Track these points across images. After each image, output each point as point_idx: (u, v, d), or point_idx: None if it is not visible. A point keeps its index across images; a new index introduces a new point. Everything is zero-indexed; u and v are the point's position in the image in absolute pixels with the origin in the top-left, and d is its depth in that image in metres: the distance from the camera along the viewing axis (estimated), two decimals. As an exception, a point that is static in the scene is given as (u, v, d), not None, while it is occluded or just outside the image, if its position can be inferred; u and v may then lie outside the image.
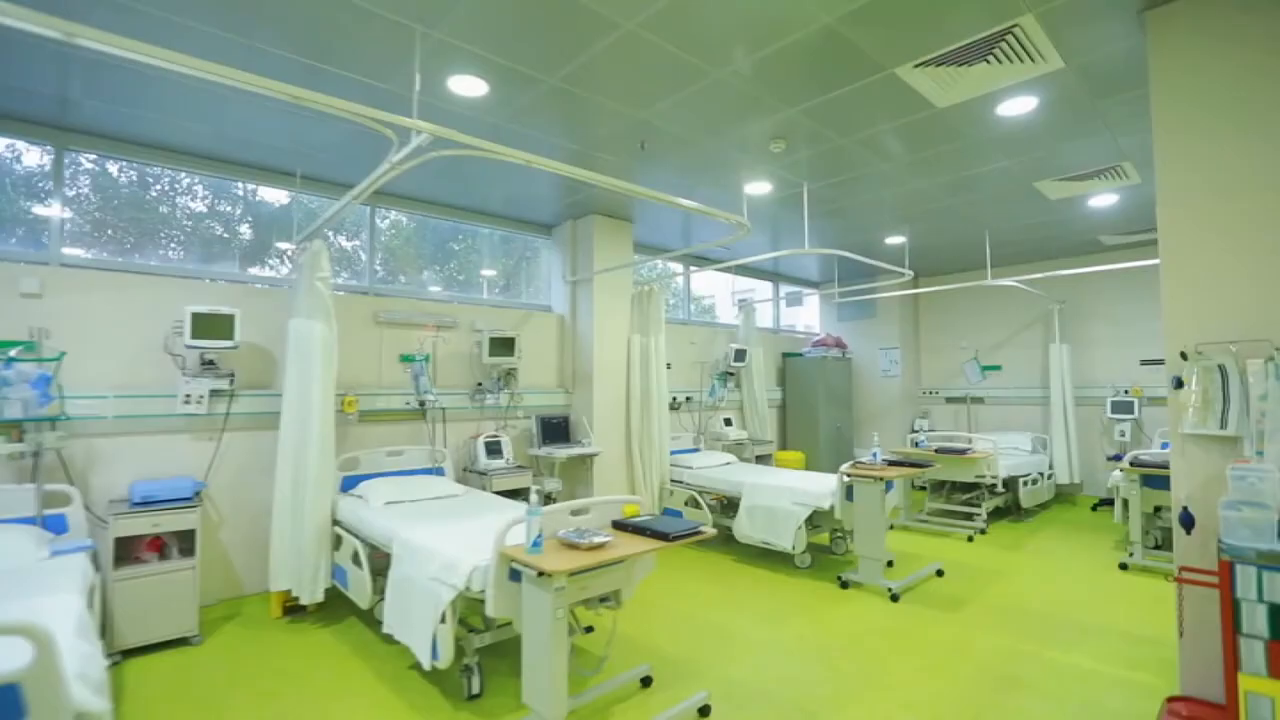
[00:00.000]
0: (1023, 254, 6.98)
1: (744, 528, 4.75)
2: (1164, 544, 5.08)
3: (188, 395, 3.60)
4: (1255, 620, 1.87)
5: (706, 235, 6.20)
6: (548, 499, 5.07)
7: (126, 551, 3.21)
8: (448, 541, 2.82)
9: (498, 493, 4.47)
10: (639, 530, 2.58)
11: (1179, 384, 2.38)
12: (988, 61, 2.95)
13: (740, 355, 6.67)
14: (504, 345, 4.88)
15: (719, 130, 3.68)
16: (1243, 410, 2.21)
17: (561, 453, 4.91)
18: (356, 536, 3.44)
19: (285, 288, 4.16)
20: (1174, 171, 2.49)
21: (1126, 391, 6.70)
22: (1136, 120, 3.57)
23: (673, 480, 5.55)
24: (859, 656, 3.16)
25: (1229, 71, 2.37)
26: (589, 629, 3.18)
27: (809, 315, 9.08)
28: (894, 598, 3.93)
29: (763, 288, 8.21)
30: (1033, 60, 2.94)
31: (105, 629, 3.05)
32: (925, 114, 3.47)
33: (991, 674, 2.97)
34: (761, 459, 6.66)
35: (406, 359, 4.48)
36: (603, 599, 2.75)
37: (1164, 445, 6.21)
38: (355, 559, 3.36)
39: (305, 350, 3.61)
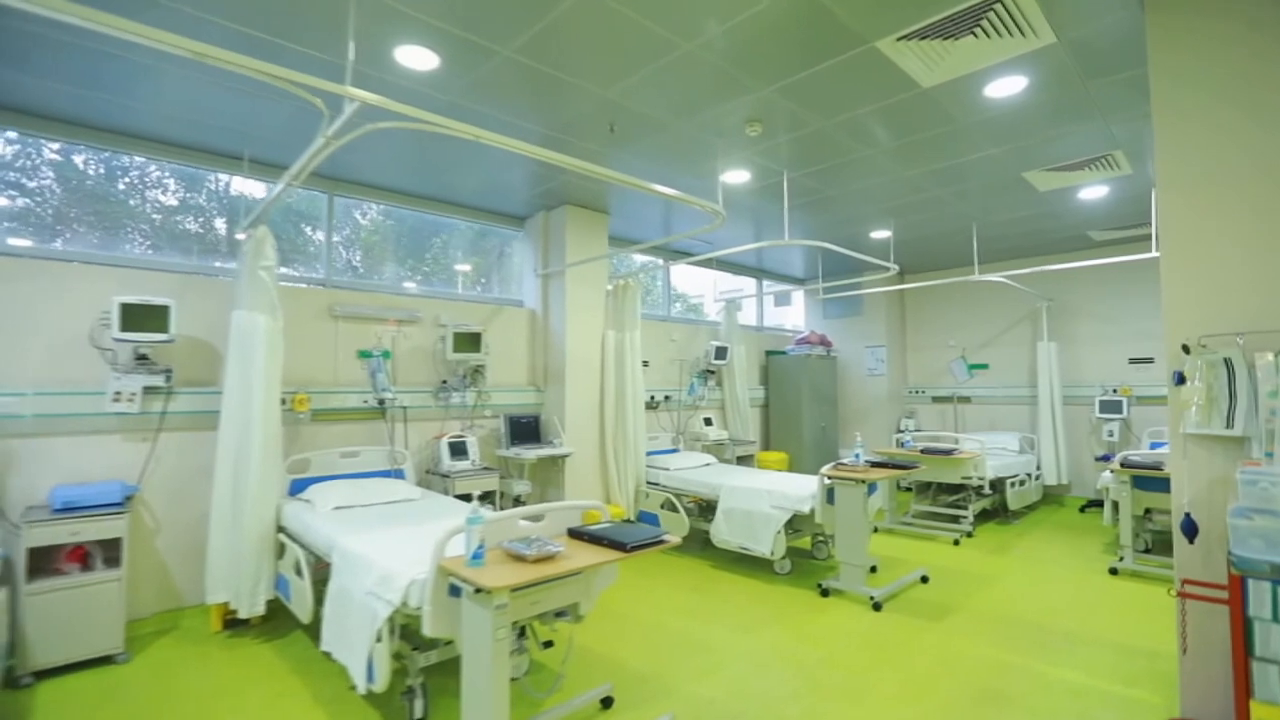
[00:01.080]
0: (1011, 250, 6.82)
1: (721, 532, 4.54)
2: (1154, 548, 4.93)
3: (118, 393, 3.33)
4: (1271, 642, 1.67)
5: (685, 228, 5.99)
6: (516, 502, 4.84)
7: (43, 563, 2.94)
8: (388, 551, 2.58)
9: (460, 496, 4.24)
10: (595, 539, 2.36)
11: (1180, 380, 2.19)
12: (975, 35, 2.75)
13: (721, 353, 6.46)
14: (470, 341, 4.63)
15: (692, 112, 3.46)
16: (1251, 408, 2.03)
17: (531, 454, 4.67)
18: (300, 544, 3.20)
19: (230, 278, 3.89)
20: (1174, 153, 2.30)
21: (1115, 391, 6.56)
22: (1130, 105, 3.39)
23: (649, 482, 5.33)
24: (838, 670, 2.95)
25: (1232, 51, 2.18)
26: (548, 644, 2.96)
27: (797, 315, 8.89)
28: (876, 606, 3.74)
29: (753, 288, 8.02)
30: (1022, 34, 2.74)
31: (14, 648, 2.78)
32: (910, 94, 3.27)
33: (977, 689, 2.77)
34: (743, 460, 6.45)
35: (364, 355, 4.23)
36: (558, 613, 2.52)
37: (1153, 445, 6.08)
38: (298, 568, 3.11)
39: (247, 344, 3.35)
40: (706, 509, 4.95)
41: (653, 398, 6.11)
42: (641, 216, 5.57)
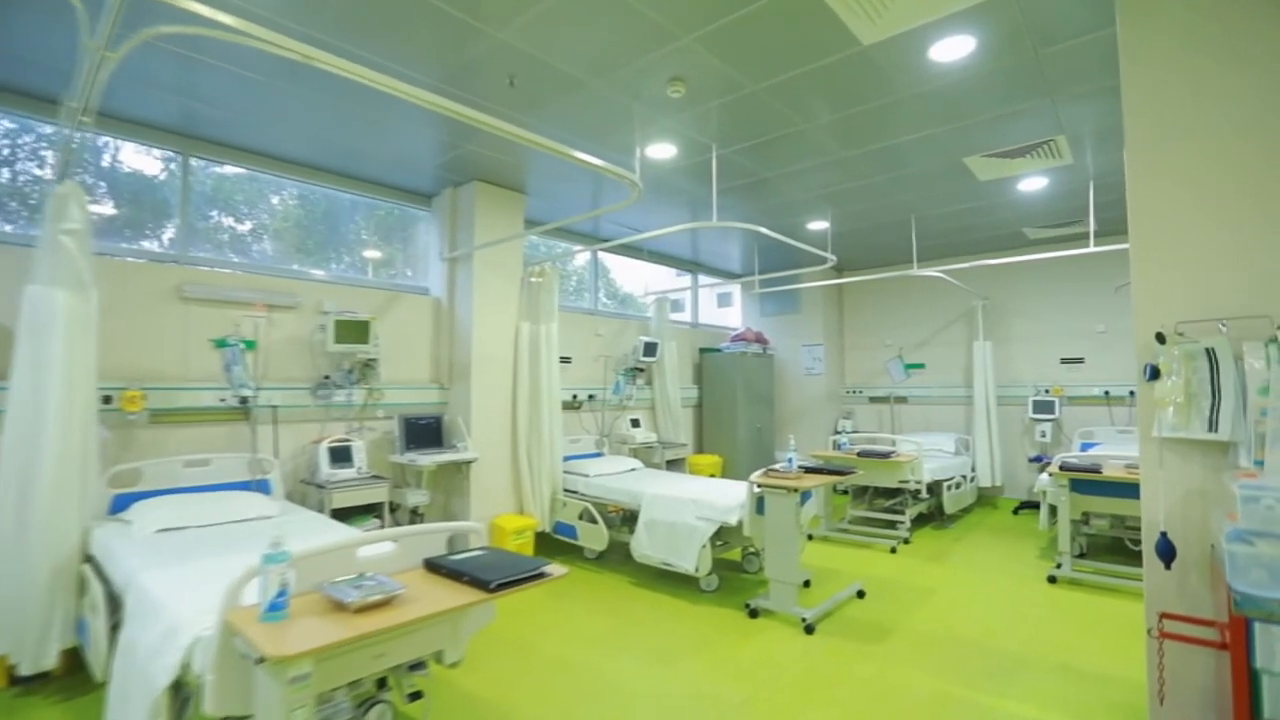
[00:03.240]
0: (948, 247, 6.66)
1: (642, 545, 4.08)
2: (1088, 552, 4.78)
3: None
4: (1286, 704, 1.33)
5: (613, 215, 5.52)
6: (413, 514, 4.25)
7: None
8: (192, 592, 1.99)
9: (337, 511, 3.63)
10: (454, 574, 1.84)
11: (1154, 374, 1.86)
12: (921, -23, 2.39)
13: (650, 349, 6.02)
14: (356, 330, 4.02)
15: (605, 66, 2.99)
16: (1238, 408, 1.70)
17: (428, 459, 4.09)
18: (103, 578, 2.54)
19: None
20: (1144, 110, 1.97)
21: (1047, 391, 6.48)
22: (1081, 77, 3.12)
23: (566, 490, 4.83)
24: (762, 709, 2.53)
25: (1213, -19, 1.87)
26: (415, 695, 2.42)
27: (738, 317, 8.52)
28: (809, 629, 3.35)
29: (693, 287, 7.62)
30: (974, -22, 2.39)
31: None
32: (849, 53, 2.90)
33: (920, 734, 2.40)
34: (673, 464, 6.04)
35: (221, 344, 3.55)
36: (414, 666, 2.00)
37: (1083, 446, 6.00)
38: (95, 610, 2.46)
39: (42, 326, 2.67)
40: (630, 519, 4.49)
41: (575, 397, 5.61)
42: (563, 198, 5.06)
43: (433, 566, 1.93)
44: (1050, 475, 4.40)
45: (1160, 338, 1.85)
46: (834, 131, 3.76)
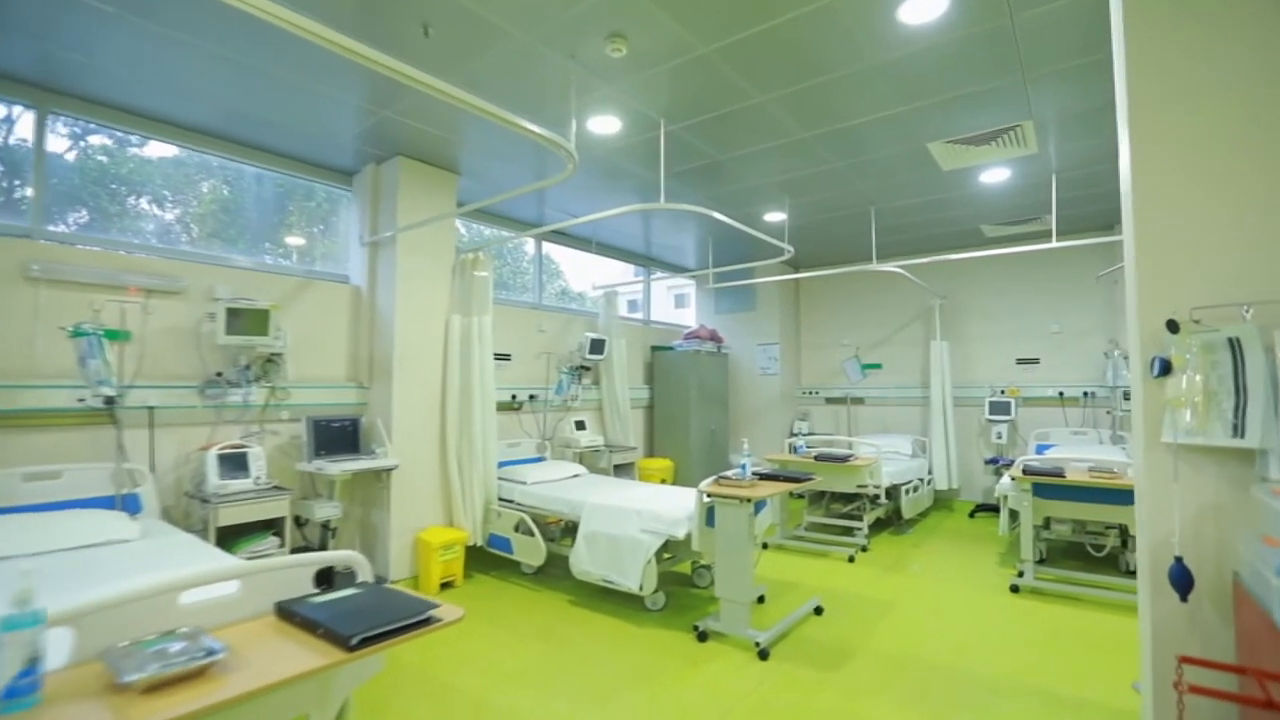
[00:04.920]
0: (906, 244, 6.48)
1: (582, 561, 3.69)
2: (1048, 558, 4.62)
3: None
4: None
5: (555, 198, 5.11)
6: (324, 530, 3.76)
7: None
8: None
9: (227, 529, 3.13)
10: (309, 624, 1.42)
11: (1165, 369, 1.57)
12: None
13: (598, 346, 5.62)
14: (252, 320, 3.50)
15: (531, 12, 2.59)
16: (1270, 409, 1.42)
17: (337, 467, 3.61)
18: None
19: None
20: (1147, 63, 1.69)
21: (1003, 392, 6.36)
22: (1056, 54, 2.88)
23: (501, 499, 4.39)
24: (708, 767, 2.18)
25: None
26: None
27: (694, 317, 8.20)
28: (763, 654, 3.02)
29: (649, 283, 7.26)
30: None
31: None
32: (811, 8, 2.57)
33: (888, 785, 2.08)
34: (621, 469, 5.66)
35: (78, 334, 2.99)
36: (266, 739, 1.56)
37: (1039, 449, 5.89)
38: None
39: None
40: (571, 530, 4.09)
41: (514, 397, 5.17)
42: (501, 180, 4.62)
43: (285, 613, 1.50)
44: (1013, 479, 4.20)
45: (1173, 326, 1.56)
46: (792, 107, 3.45)
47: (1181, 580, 1.49)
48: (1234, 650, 1.48)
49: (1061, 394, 6.11)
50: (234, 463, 3.39)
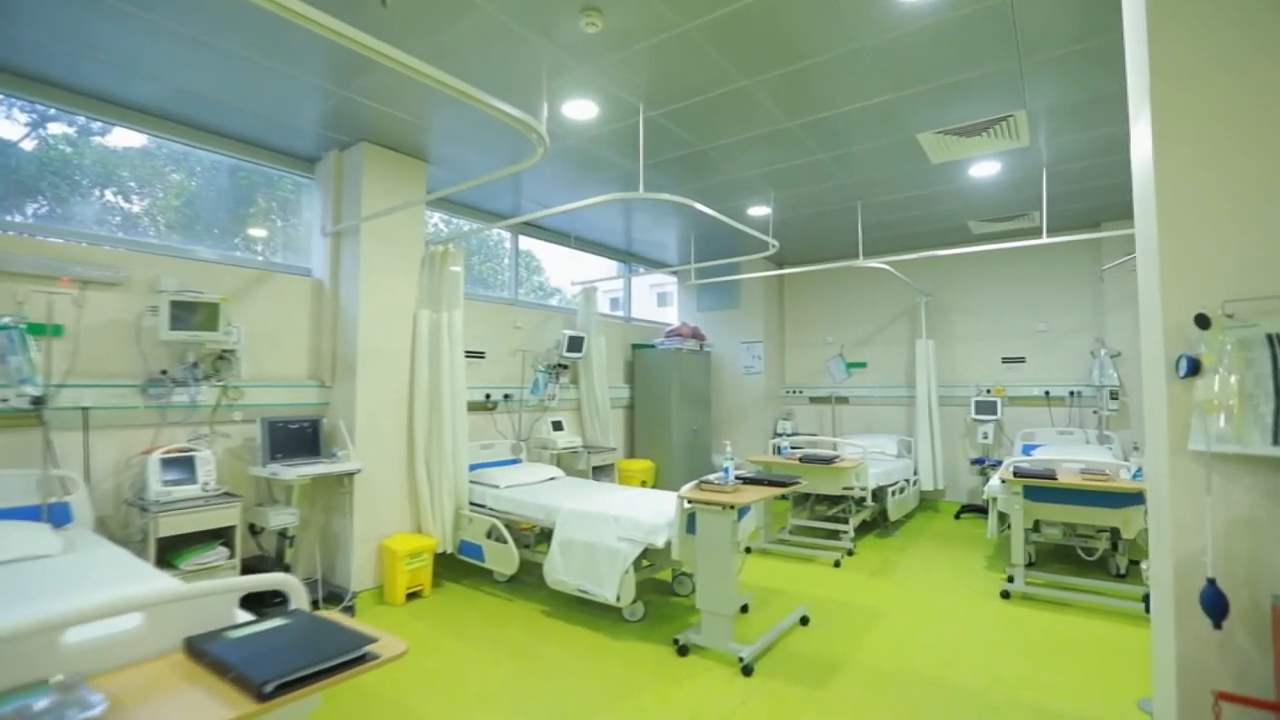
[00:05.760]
0: (892, 240, 6.35)
1: (557, 570, 3.49)
2: (1037, 560, 4.51)
3: None
4: None
5: (531, 189, 4.90)
6: (281, 539, 3.52)
7: None
8: None
9: (169, 540, 2.89)
10: (219, 665, 1.21)
11: (1193, 368, 1.42)
12: None
13: (576, 344, 5.42)
14: (201, 315, 3.25)
15: (500, -20, 2.39)
16: (1315, 413, 1.27)
17: (294, 472, 3.37)
18: None
19: None
20: (1170, 32, 1.54)
21: (989, 391, 6.27)
22: (1055, 38, 2.74)
23: (472, 504, 4.18)
24: (688, 801, 2.00)
25: None
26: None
27: (676, 314, 8.01)
28: (746, 670, 2.85)
29: (631, 280, 7.06)
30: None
31: None
32: (798, -18, 2.40)
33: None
34: (600, 471, 5.46)
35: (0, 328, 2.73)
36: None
37: (1025, 449, 5.81)
38: None
39: None
40: (546, 536, 3.89)
41: (488, 396, 4.95)
42: (472, 168, 4.39)
43: (195, 652, 1.29)
44: (1003, 481, 4.07)
45: (1203, 321, 1.41)
46: (777, 92, 3.27)
47: (1215, 604, 1.34)
48: (1272, 684, 1.33)
49: (1048, 393, 6.03)
50: (179, 467, 3.14)
